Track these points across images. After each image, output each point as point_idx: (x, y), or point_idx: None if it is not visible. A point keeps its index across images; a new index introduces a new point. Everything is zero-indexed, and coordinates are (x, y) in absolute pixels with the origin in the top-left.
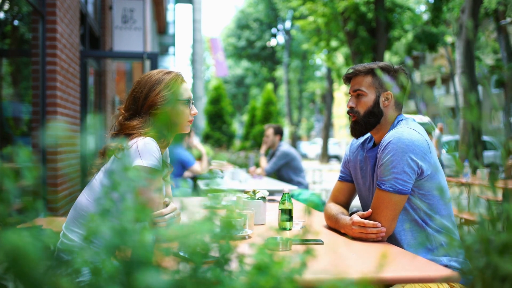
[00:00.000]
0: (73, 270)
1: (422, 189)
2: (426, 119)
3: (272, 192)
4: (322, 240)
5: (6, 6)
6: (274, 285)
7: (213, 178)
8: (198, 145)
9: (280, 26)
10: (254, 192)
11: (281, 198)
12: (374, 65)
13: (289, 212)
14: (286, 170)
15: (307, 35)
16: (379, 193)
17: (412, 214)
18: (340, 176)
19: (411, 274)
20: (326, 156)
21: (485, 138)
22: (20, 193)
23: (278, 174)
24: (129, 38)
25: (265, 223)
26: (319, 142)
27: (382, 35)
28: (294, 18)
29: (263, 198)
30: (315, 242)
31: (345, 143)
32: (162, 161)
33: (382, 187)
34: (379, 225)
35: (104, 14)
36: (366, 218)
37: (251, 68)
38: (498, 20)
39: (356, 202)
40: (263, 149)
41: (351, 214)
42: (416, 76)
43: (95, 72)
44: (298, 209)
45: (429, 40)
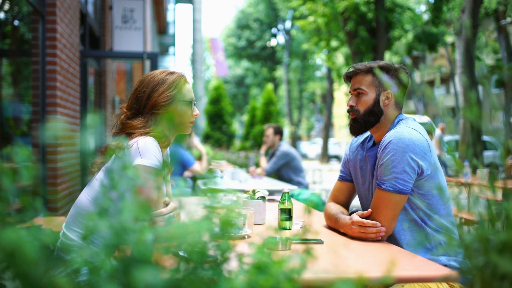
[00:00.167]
0: (72, 269)
1: (421, 189)
2: (425, 119)
3: (272, 192)
4: (322, 239)
5: (6, 6)
6: (273, 284)
7: (212, 177)
8: (198, 145)
9: (280, 26)
10: (254, 191)
11: (280, 197)
12: (374, 64)
13: (288, 211)
14: (286, 170)
15: (307, 35)
16: (379, 192)
17: (411, 213)
18: (340, 175)
19: (411, 273)
20: (326, 156)
21: (485, 138)
22: (19, 192)
23: (278, 174)
24: (129, 38)
25: (264, 223)
26: (319, 142)
27: (382, 35)
28: (294, 18)
29: (263, 197)
30: (315, 241)
31: (345, 143)
32: (162, 160)
33: (382, 187)
34: (379, 224)
35: (104, 14)
36: (366, 218)
37: (251, 68)
38: (498, 20)
39: (356, 202)
40: (263, 149)
41: (351, 214)
42: (416, 76)
43: (95, 72)
44: (298, 208)
45: (429, 40)
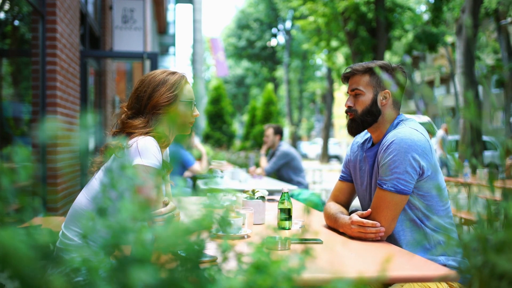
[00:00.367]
0: (71, 269)
1: (421, 190)
2: (425, 119)
3: (271, 192)
4: (321, 239)
5: (6, 6)
6: (271, 284)
7: (212, 177)
8: (198, 145)
9: (280, 26)
10: (253, 191)
11: (280, 197)
12: (371, 64)
13: (288, 211)
14: (286, 170)
15: (308, 35)
16: (380, 192)
17: (410, 213)
18: (341, 175)
19: (410, 273)
20: (326, 156)
21: (485, 138)
22: (17, 192)
23: (278, 174)
24: (129, 38)
25: (264, 223)
26: (319, 142)
27: (383, 35)
28: (294, 18)
29: (262, 197)
30: (314, 241)
31: (345, 143)
32: (162, 160)
33: (384, 187)
34: (378, 224)
35: (104, 14)
36: (365, 218)
37: (252, 68)
38: (499, 20)
39: (356, 202)
40: (264, 149)
41: (351, 214)
42: (416, 76)
43: (95, 72)
44: (298, 208)
45: (429, 40)
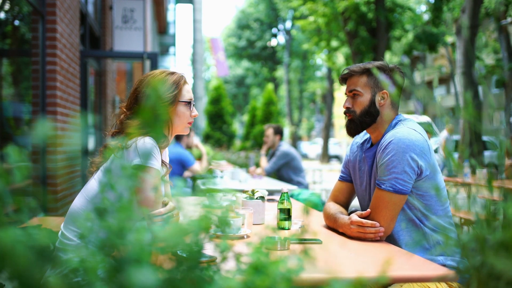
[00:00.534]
0: (69, 269)
1: (419, 189)
2: (424, 119)
3: (271, 192)
4: (320, 239)
5: (6, 6)
6: (269, 284)
7: (211, 177)
8: (198, 145)
9: (280, 26)
10: (253, 191)
11: (279, 197)
12: (369, 65)
13: (287, 211)
14: (286, 170)
15: (308, 35)
16: (379, 192)
17: (409, 213)
18: (340, 176)
19: (409, 273)
20: (326, 156)
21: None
22: (13, 193)
23: (278, 174)
24: (129, 38)
25: (263, 223)
26: (320, 142)
27: (383, 35)
28: (294, 18)
29: (262, 197)
30: (313, 241)
31: (345, 143)
32: (161, 160)
33: (382, 187)
34: (378, 224)
35: (104, 14)
36: (365, 218)
37: (252, 68)
38: (499, 20)
39: (356, 202)
40: (264, 149)
41: (350, 214)
42: (416, 76)
43: (95, 72)
44: (297, 208)
45: (429, 40)
